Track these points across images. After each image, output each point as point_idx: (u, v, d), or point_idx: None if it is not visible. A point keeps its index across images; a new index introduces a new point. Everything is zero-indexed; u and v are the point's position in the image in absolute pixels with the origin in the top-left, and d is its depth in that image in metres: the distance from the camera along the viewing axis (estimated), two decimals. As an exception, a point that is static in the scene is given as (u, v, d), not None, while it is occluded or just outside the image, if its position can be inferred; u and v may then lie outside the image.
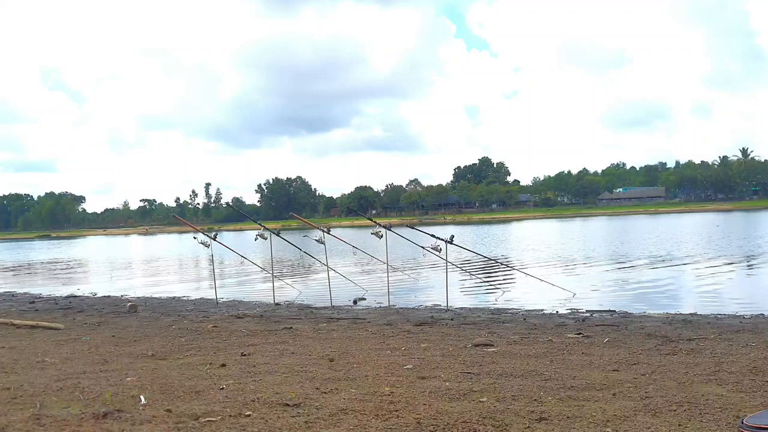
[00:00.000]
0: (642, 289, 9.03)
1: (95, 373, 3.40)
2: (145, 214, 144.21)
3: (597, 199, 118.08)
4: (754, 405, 2.49)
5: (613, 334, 4.70)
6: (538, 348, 4.13)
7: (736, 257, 13.50)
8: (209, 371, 3.41)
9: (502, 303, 7.83)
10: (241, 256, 10.64)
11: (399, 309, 7.26)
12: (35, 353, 4.23)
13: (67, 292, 10.91)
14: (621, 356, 3.74)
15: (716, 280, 10.15)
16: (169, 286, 12.30)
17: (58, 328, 5.65)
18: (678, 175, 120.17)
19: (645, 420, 2.31)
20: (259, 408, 2.54)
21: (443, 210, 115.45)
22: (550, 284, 8.97)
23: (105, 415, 2.37)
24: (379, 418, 2.38)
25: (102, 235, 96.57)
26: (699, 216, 52.38)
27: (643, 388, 2.85)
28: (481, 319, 6.01)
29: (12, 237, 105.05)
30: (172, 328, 5.65)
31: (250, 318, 6.41)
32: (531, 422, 2.31)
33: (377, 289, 9.53)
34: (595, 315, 6.31)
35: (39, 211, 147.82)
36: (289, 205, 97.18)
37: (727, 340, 4.28)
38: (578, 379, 3.06)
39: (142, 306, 7.93)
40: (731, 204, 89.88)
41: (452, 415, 2.40)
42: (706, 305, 7.05)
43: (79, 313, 7.29)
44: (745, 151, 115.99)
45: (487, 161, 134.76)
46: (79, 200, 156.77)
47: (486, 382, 3.05)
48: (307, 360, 3.74)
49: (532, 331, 5.02)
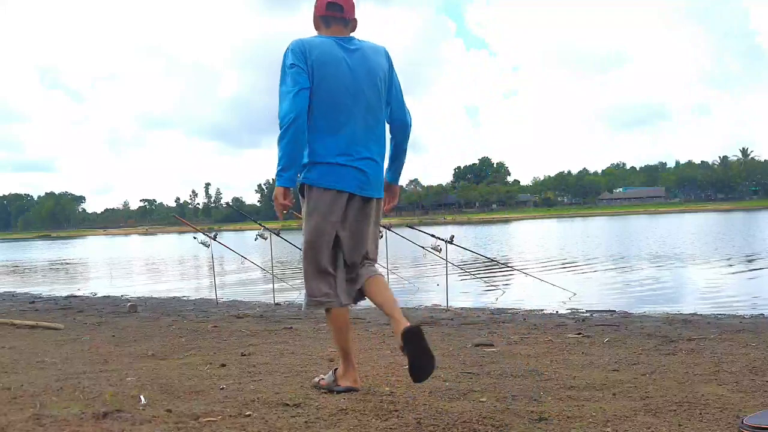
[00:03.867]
0: (642, 289, 9.04)
1: (95, 373, 3.40)
2: (145, 214, 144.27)
3: (597, 199, 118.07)
4: (754, 405, 2.49)
5: (613, 334, 4.70)
6: (538, 348, 4.13)
7: (736, 257, 13.50)
8: (209, 371, 3.41)
9: (502, 303, 7.83)
10: (241, 256, 10.64)
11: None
12: (35, 353, 4.23)
13: (67, 292, 10.91)
14: (621, 356, 3.74)
15: (716, 280, 10.15)
16: (169, 286, 12.30)
17: (58, 328, 5.65)
18: (678, 175, 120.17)
19: (645, 420, 2.31)
20: (259, 408, 2.54)
21: (443, 210, 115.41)
22: (550, 284, 8.97)
23: (105, 415, 2.37)
24: (379, 418, 2.38)
25: (102, 235, 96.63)
26: (699, 216, 52.38)
27: (643, 388, 2.85)
28: (481, 319, 6.02)
29: (12, 237, 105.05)
30: (172, 328, 5.65)
31: (250, 318, 6.41)
32: (531, 422, 2.31)
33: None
34: (595, 315, 6.32)
35: (39, 211, 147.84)
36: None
37: (727, 340, 4.28)
38: (578, 379, 3.06)
39: (142, 306, 7.93)
40: (731, 204, 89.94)
41: (452, 415, 2.40)
42: (706, 305, 7.05)
43: (79, 313, 7.30)
44: (745, 151, 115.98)
45: (487, 161, 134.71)
46: (79, 200, 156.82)
47: (486, 382, 3.05)
48: (307, 360, 3.75)
49: (532, 331, 5.02)
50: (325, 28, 2.77)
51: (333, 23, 2.75)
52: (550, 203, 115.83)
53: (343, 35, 2.74)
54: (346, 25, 2.76)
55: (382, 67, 2.74)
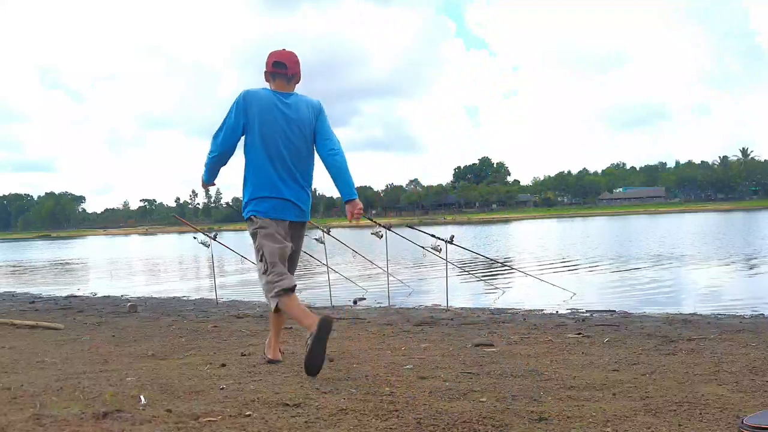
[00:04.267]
0: (642, 289, 9.03)
1: (95, 373, 3.40)
2: (145, 214, 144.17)
3: (597, 199, 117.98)
4: (754, 405, 2.49)
5: (613, 334, 4.70)
6: (538, 348, 4.13)
7: (736, 257, 13.50)
8: (209, 371, 3.41)
9: (502, 303, 7.82)
10: (241, 256, 10.64)
11: (399, 309, 7.25)
12: (35, 353, 4.23)
13: (67, 292, 10.91)
14: (621, 356, 3.74)
15: (716, 280, 10.16)
16: (169, 286, 12.30)
17: (58, 328, 5.65)
18: (678, 175, 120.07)
19: (645, 420, 2.31)
20: (259, 408, 2.54)
21: (443, 210, 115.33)
22: (550, 284, 8.97)
23: (105, 415, 2.37)
24: (379, 418, 2.38)
25: (102, 235, 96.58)
26: (699, 216, 52.37)
27: (643, 388, 2.85)
28: (481, 319, 6.01)
29: (12, 237, 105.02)
30: (172, 328, 5.65)
31: (250, 318, 6.41)
32: (531, 422, 2.31)
33: (377, 289, 9.53)
34: (595, 315, 6.32)
35: (39, 211, 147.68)
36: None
37: (727, 340, 4.28)
38: (578, 379, 3.06)
39: (142, 306, 7.93)
40: (731, 204, 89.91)
41: (452, 415, 2.40)
42: (706, 305, 7.05)
43: (79, 313, 7.29)
44: (745, 151, 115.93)
45: (487, 161, 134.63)
46: (79, 200, 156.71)
47: (486, 382, 3.05)
48: (307, 360, 3.73)
49: (532, 331, 5.02)
50: (272, 81, 3.42)
51: (278, 78, 3.40)
52: (550, 203, 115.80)
53: (285, 89, 3.40)
54: (289, 81, 3.42)
55: (310, 118, 3.39)
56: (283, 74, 3.39)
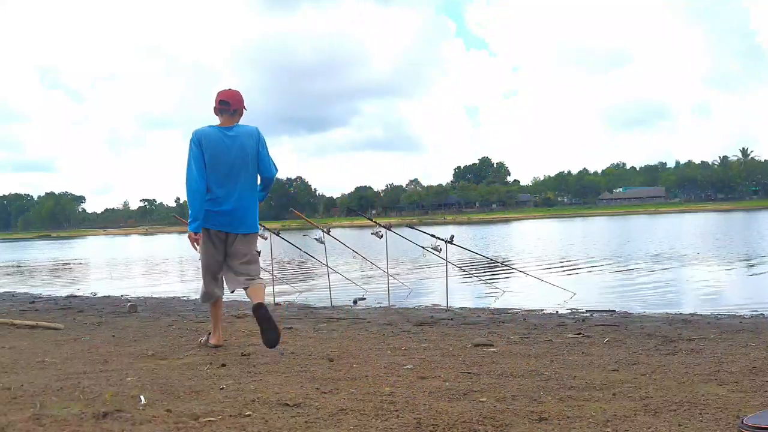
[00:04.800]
0: (642, 289, 9.03)
1: (95, 373, 3.40)
2: (145, 214, 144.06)
3: (597, 199, 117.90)
4: (754, 405, 2.49)
5: (613, 334, 4.70)
6: (538, 348, 4.13)
7: (736, 257, 13.50)
8: (209, 371, 3.41)
9: (502, 303, 7.82)
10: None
11: (399, 309, 7.25)
12: (35, 353, 4.23)
13: (67, 292, 10.91)
14: (621, 356, 3.74)
15: (716, 280, 10.16)
16: (169, 286, 12.30)
17: (58, 328, 5.65)
18: (678, 175, 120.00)
19: (645, 420, 2.31)
20: (259, 408, 2.54)
21: (443, 210, 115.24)
22: (550, 284, 8.97)
23: (105, 415, 2.37)
24: (379, 418, 2.38)
25: (102, 235, 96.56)
26: (699, 216, 52.37)
27: (643, 388, 2.85)
28: (481, 319, 6.01)
29: (12, 237, 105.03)
30: (172, 328, 5.65)
31: (250, 318, 6.40)
32: (531, 422, 2.31)
33: (377, 289, 9.53)
34: (595, 315, 6.31)
35: (39, 211, 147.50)
36: (288, 205, 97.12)
37: (727, 340, 4.28)
38: (578, 379, 3.06)
39: (142, 306, 7.93)
40: (731, 204, 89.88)
41: (452, 415, 2.40)
42: (706, 305, 7.05)
43: (79, 313, 7.29)
44: (745, 151, 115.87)
45: (487, 161, 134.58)
46: (79, 200, 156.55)
47: (486, 382, 3.05)
48: (307, 360, 3.75)
49: (532, 331, 5.02)
50: (220, 116, 4.11)
51: (224, 113, 4.10)
52: (550, 203, 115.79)
53: (229, 123, 4.09)
54: (232, 115, 4.10)
55: (252, 146, 4.07)
56: (227, 110, 4.08)
